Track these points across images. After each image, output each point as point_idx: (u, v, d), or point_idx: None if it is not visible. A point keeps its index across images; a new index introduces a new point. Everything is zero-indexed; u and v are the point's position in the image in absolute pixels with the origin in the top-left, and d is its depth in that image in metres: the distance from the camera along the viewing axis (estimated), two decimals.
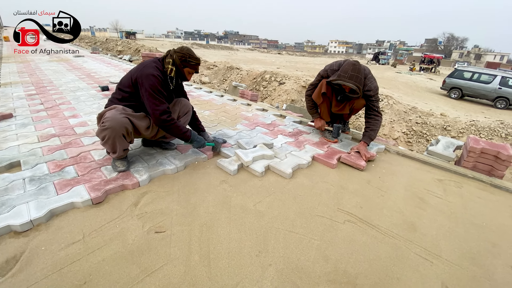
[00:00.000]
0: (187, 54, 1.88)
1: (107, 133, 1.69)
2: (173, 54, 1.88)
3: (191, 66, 1.92)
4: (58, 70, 6.34)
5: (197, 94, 4.55)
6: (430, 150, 2.49)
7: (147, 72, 1.74)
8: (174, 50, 1.90)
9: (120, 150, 1.79)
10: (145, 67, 1.78)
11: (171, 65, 1.86)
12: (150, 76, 1.74)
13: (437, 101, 11.52)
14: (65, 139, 2.36)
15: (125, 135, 1.75)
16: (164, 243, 1.33)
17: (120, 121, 1.69)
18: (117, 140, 1.73)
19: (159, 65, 1.85)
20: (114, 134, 1.69)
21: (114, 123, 1.67)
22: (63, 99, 3.72)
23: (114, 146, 1.75)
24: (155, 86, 1.74)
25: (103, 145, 1.80)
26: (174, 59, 1.87)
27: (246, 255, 1.29)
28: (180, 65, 1.88)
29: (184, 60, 1.88)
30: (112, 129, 1.68)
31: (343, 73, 2.24)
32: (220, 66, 11.06)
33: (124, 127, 1.71)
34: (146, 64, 1.82)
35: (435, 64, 26.86)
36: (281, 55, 42.26)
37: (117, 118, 1.69)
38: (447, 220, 1.64)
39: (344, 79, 2.21)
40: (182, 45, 1.96)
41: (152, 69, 1.78)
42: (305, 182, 1.97)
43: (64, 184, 1.69)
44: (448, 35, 69.21)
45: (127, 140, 1.80)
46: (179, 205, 1.61)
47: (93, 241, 1.32)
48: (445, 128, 6.11)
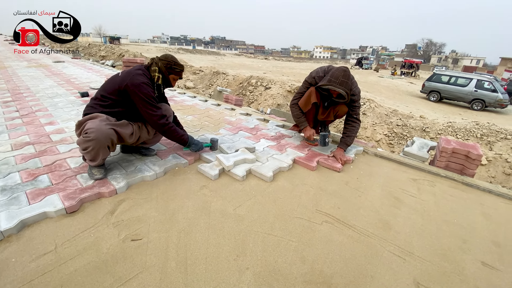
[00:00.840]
0: (172, 61, 1.93)
1: (91, 145, 1.66)
2: (158, 62, 1.91)
3: (176, 73, 1.98)
4: (36, 76, 6.14)
5: (180, 99, 4.52)
6: (405, 151, 2.59)
7: (139, 81, 1.77)
8: (158, 58, 1.93)
9: (101, 159, 1.77)
10: (135, 76, 1.79)
11: (157, 72, 1.89)
12: (143, 84, 1.78)
13: (417, 104, 11.97)
14: (40, 147, 2.29)
15: (110, 146, 1.74)
16: (140, 251, 1.31)
17: (105, 133, 1.67)
18: (101, 151, 1.71)
19: (146, 73, 1.88)
20: (99, 145, 1.67)
21: (99, 134, 1.64)
22: (40, 106, 3.60)
23: (96, 156, 1.73)
24: (149, 93, 1.79)
25: (83, 154, 1.76)
26: (159, 67, 1.91)
27: (223, 259, 1.29)
28: (166, 72, 1.94)
29: (169, 67, 1.93)
30: (97, 141, 1.65)
31: (334, 78, 2.26)
32: (206, 71, 11.05)
33: (110, 139, 1.70)
34: (133, 72, 1.82)
35: (415, 68, 27.93)
36: (267, 60, 42.73)
37: (103, 129, 1.66)
38: (420, 218, 1.71)
39: (335, 85, 2.24)
40: (165, 52, 2.01)
41: (142, 77, 1.81)
42: (286, 185, 1.99)
43: (37, 194, 1.64)
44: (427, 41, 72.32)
45: (110, 150, 1.79)
46: (157, 212, 1.59)
47: (66, 252, 1.28)
48: (424, 130, 6.35)
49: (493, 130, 5.93)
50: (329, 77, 2.30)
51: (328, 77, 2.31)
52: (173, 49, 44.25)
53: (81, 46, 19.22)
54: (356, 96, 2.43)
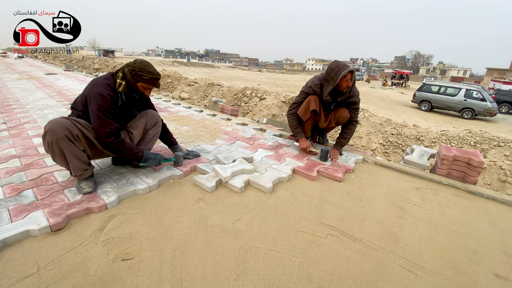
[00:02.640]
0: (138, 67, 1.72)
1: (48, 138, 1.52)
2: (125, 68, 1.76)
3: (144, 80, 1.75)
4: (27, 88, 6.01)
5: (175, 109, 4.45)
6: (406, 159, 2.55)
7: (96, 91, 1.64)
8: (127, 64, 1.78)
9: (74, 160, 1.61)
10: (95, 85, 1.67)
11: (120, 79, 1.74)
12: (98, 95, 1.63)
13: (409, 113, 12.16)
14: (26, 160, 2.16)
15: (70, 138, 1.55)
16: (132, 272, 1.20)
17: (59, 122, 1.54)
18: (62, 144, 1.54)
19: (110, 82, 1.74)
20: (55, 137, 1.51)
21: (52, 124, 1.52)
22: (29, 118, 3.47)
23: (63, 155, 1.58)
24: (102, 106, 1.63)
25: (55, 161, 1.64)
26: (125, 73, 1.74)
27: (223, 279, 1.19)
28: (131, 79, 1.74)
29: (134, 74, 1.73)
30: (52, 132, 1.51)
31: (336, 67, 2.24)
32: (201, 83, 11.05)
33: (65, 127, 1.53)
34: (96, 81, 1.70)
35: (405, 79, 28.68)
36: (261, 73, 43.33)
37: (56, 120, 1.55)
38: (427, 228, 1.64)
39: (344, 67, 2.21)
40: (137, 58, 1.82)
41: (102, 87, 1.66)
42: (286, 196, 1.91)
43: (20, 210, 1.51)
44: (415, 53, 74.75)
45: (77, 147, 1.60)
46: (150, 228, 1.48)
47: (49, 274, 1.16)
48: (419, 138, 6.39)
49: (486, 137, 6.00)
50: (335, 71, 2.25)
51: (332, 74, 2.27)
52: (168, 62, 44.56)
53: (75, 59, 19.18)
54: (357, 97, 2.44)
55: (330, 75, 2.28)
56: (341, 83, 2.29)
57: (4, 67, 11.66)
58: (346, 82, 2.29)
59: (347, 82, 2.29)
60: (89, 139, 1.69)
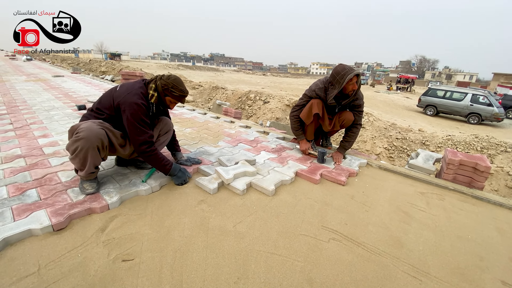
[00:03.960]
0: (171, 83, 1.81)
1: (80, 144, 1.56)
2: (157, 81, 1.82)
3: (173, 96, 1.85)
4: (34, 90, 6.10)
5: (179, 112, 4.47)
6: (411, 164, 2.51)
7: (131, 100, 1.69)
8: (160, 77, 1.85)
9: (91, 166, 1.65)
10: (129, 94, 1.71)
11: (153, 90, 1.80)
12: (134, 104, 1.68)
13: (414, 118, 12.05)
14: (31, 160, 2.19)
15: (100, 148, 1.63)
16: (132, 273, 1.19)
17: (96, 132, 1.59)
18: (90, 152, 1.59)
19: (144, 91, 1.79)
20: (88, 145, 1.57)
21: (89, 133, 1.56)
22: (35, 119, 3.52)
23: (85, 160, 1.62)
24: (138, 115, 1.69)
25: (72, 160, 1.65)
26: (157, 86, 1.81)
27: (223, 282, 1.17)
28: (162, 93, 1.83)
29: (166, 89, 1.81)
30: (87, 140, 1.56)
31: (341, 70, 2.22)
32: (206, 86, 11.13)
33: (100, 139, 1.60)
34: (131, 90, 1.74)
35: (410, 83, 28.50)
36: (265, 76, 43.45)
37: (94, 128, 1.59)
38: (432, 234, 1.60)
39: (351, 70, 2.20)
40: (165, 68, 1.89)
41: (137, 96, 1.72)
42: (288, 199, 1.89)
43: (23, 209, 1.52)
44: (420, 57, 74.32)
45: (100, 155, 1.67)
46: (151, 229, 1.48)
47: (50, 274, 1.16)
48: (424, 143, 6.31)
49: (493, 143, 5.90)
50: (341, 74, 2.22)
51: (337, 77, 2.25)
52: (173, 66, 44.99)
53: (82, 62, 19.48)
54: (360, 100, 2.45)
55: (336, 79, 2.27)
56: (347, 86, 2.29)
57: (12, 69, 11.89)
58: (352, 85, 2.28)
59: (353, 85, 2.28)
60: (113, 145, 1.74)
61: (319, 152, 2.47)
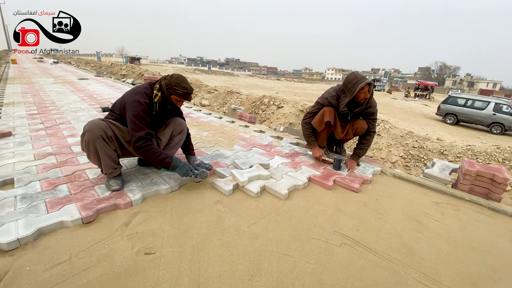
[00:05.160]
0: (174, 82, 1.86)
1: (86, 137, 1.70)
2: (162, 81, 1.90)
3: (178, 94, 1.89)
4: (62, 92, 6.49)
5: (196, 115, 4.62)
6: (426, 173, 2.49)
7: (134, 99, 1.79)
8: (165, 77, 1.92)
9: (106, 159, 1.76)
10: (134, 93, 1.83)
11: (157, 90, 1.88)
12: (136, 102, 1.78)
13: (433, 126, 11.71)
14: (61, 158, 2.36)
15: (105, 138, 1.73)
16: (153, 265, 1.28)
17: (97, 123, 1.72)
18: (97, 143, 1.70)
19: (148, 91, 1.88)
20: (93, 136, 1.69)
21: (91, 125, 1.71)
22: (64, 119, 3.77)
23: (96, 153, 1.74)
24: (138, 112, 1.76)
25: (88, 157, 1.81)
26: (161, 85, 1.89)
27: (238, 279, 1.24)
28: (167, 92, 1.88)
29: (170, 87, 1.87)
30: (90, 131, 1.69)
31: (353, 79, 2.25)
32: (221, 91, 11.35)
33: (101, 129, 1.71)
34: (136, 90, 1.86)
35: (429, 91, 27.70)
36: (280, 81, 43.59)
37: (95, 121, 1.74)
38: (446, 244, 1.60)
39: (362, 79, 2.22)
40: (174, 72, 1.93)
41: (140, 96, 1.81)
42: (301, 204, 1.94)
43: (56, 203, 1.66)
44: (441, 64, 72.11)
45: (110, 146, 1.76)
46: (171, 226, 1.57)
47: (80, 262, 1.27)
48: (442, 153, 6.15)
49: None
50: (352, 83, 2.25)
51: (349, 85, 2.28)
52: (190, 70, 46.08)
53: (104, 65, 20.37)
54: (374, 108, 2.46)
55: (348, 87, 2.31)
56: (358, 95, 2.32)
57: (41, 71, 12.64)
58: (363, 94, 2.31)
59: (364, 94, 2.31)
60: (120, 140, 1.85)
61: (335, 159, 2.50)
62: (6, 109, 4.25)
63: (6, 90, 6.28)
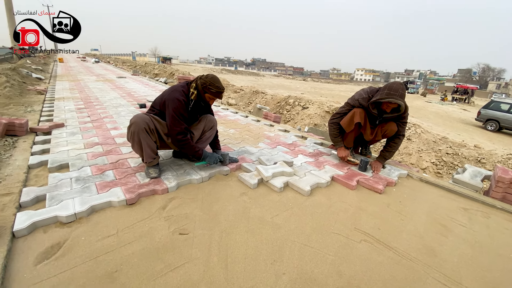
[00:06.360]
0: (208, 81, 2.06)
1: (132, 128, 1.93)
2: (198, 80, 2.11)
3: (211, 93, 2.09)
4: (103, 89, 7.09)
5: (224, 114, 4.83)
6: (455, 178, 2.42)
7: (174, 96, 2.01)
8: (200, 77, 2.13)
9: (147, 149, 1.98)
10: (173, 91, 2.04)
11: (193, 89, 2.09)
12: (175, 99, 2.00)
13: (471, 133, 10.91)
14: (107, 147, 2.65)
15: (148, 130, 1.96)
16: (187, 244, 1.44)
17: (142, 117, 1.95)
18: (141, 135, 1.94)
19: (185, 89, 2.10)
20: (138, 128, 1.92)
21: (137, 119, 1.94)
22: (106, 114, 4.16)
23: (140, 143, 1.96)
24: (177, 109, 1.99)
25: (133, 148, 2.03)
26: (197, 85, 2.10)
27: (261, 262, 1.36)
28: (202, 90, 2.09)
29: (205, 86, 2.07)
30: (135, 124, 1.92)
31: (393, 91, 2.24)
32: (246, 90, 11.57)
33: (145, 122, 1.95)
34: (175, 88, 2.08)
35: (469, 94, 25.73)
36: (306, 82, 43.04)
37: (140, 115, 1.97)
38: (470, 248, 1.58)
39: (396, 97, 2.23)
40: (210, 72, 2.14)
41: (179, 93, 2.03)
42: (323, 201, 2.01)
43: (104, 185, 1.91)
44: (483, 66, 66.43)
45: (151, 138, 1.99)
46: (202, 212, 1.73)
47: (125, 236, 1.47)
48: (479, 161, 5.76)
49: None
50: (387, 91, 2.27)
51: (385, 91, 2.28)
52: (217, 70, 47.19)
53: (139, 65, 21.63)
54: (406, 112, 2.43)
55: (384, 92, 2.30)
56: (384, 104, 2.34)
57: (84, 70, 13.80)
58: (387, 108, 2.35)
59: (388, 108, 2.34)
60: (160, 133, 2.07)
61: (362, 160, 2.52)
62: (58, 104, 4.77)
63: (56, 86, 7.00)
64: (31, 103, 4.67)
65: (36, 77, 8.34)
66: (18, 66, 9.36)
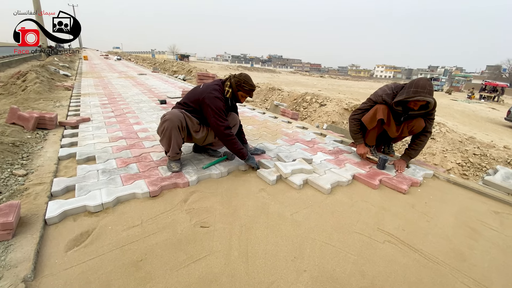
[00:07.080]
0: (242, 80, 2.15)
1: (166, 124, 1.98)
2: (231, 79, 2.18)
3: (244, 91, 2.18)
4: (126, 85, 7.33)
5: (241, 110, 4.84)
6: (486, 180, 2.28)
7: (214, 95, 2.07)
8: (233, 76, 2.20)
9: (174, 145, 2.03)
10: (211, 91, 2.09)
11: (228, 87, 2.16)
12: (216, 99, 2.06)
13: (500, 133, 10.27)
14: (130, 141, 2.74)
15: (180, 128, 2.01)
16: (208, 237, 1.47)
17: (177, 115, 2.00)
18: (173, 132, 1.99)
19: (221, 88, 2.16)
20: (172, 125, 1.97)
21: (172, 116, 1.99)
22: (129, 109, 4.30)
23: (169, 139, 2.01)
24: (219, 107, 2.05)
25: (161, 141, 2.08)
26: (231, 83, 2.16)
27: (282, 258, 1.35)
28: (235, 89, 2.17)
29: (239, 84, 2.16)
30: (170, 120, 1.97)
31: (421, 88, 2.14)
32: (263, 87, 11.53)
33: (180, 120, 2.00)
34: (211, 87, 2.13)
35: (498, 92, 24.18)
36: (323, 78, 42.23)
37: (175, 112, 2.02)
38: (502, 254, 1.49)
39: (425, 95, 2.13)
40: (241, 72, 2.21)
41: (218, 92, 2.11)
42: (344, 200, 1.97)
43: (128, 178, 1.97)
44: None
45: (181, 135, 2.05)
46: (222, 206, 1.75)
47: (149, 227, 1.52)
48: (509, 163, 5.42)
49: None
50: (413, 89, 2.16)
51: (412, 89, 2.17)
52: (233, 67, 47.41)
53: (158, 62, 22.14)
54: (434, 109, 2.32)
55: (411, 89, 2.19)
56: (411, 102, 2.24)
57: (107, 67, 14.33)
58: (414, 106, 2.24)
59: (415, 106, 2.24)
60: (189, 130, 2.12)
61: (380, 158, 2.44)
62: (84, 99, 4.99)
63: (82, 83, 7.33)
64: (59, 98, 4.91)
65: (63, 74, 8.77)
66: (46, 63, 9.89)
